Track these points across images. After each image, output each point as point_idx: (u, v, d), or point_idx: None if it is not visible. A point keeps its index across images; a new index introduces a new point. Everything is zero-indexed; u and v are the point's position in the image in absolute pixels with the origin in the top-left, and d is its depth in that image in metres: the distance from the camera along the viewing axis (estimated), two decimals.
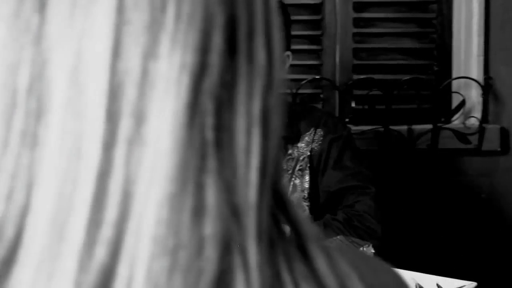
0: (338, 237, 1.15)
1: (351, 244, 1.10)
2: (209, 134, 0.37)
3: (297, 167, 1.52)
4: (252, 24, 0.39)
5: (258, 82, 0.39)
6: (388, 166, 2.37)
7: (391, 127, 2.36)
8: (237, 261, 0.37)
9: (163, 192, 0.35)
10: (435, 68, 2.41)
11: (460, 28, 2.38)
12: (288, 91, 2.39)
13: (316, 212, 1.49)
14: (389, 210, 2.35)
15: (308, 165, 1.51)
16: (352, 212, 1.42)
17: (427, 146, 2.35)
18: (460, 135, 2.34)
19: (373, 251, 1.11)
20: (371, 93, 2.38)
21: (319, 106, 2.51)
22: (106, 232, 0.35)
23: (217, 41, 0.37)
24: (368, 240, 1.41)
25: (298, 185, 1.52)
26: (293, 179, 1.52)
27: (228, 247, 0.36)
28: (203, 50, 0.37)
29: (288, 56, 1.54)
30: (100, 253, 0.34)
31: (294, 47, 2.51)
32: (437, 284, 1.16)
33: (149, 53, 0.36)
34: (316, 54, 2.49)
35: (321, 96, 2.50)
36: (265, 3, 0.40)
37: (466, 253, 2.32)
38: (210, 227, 0.36)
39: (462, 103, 2.38)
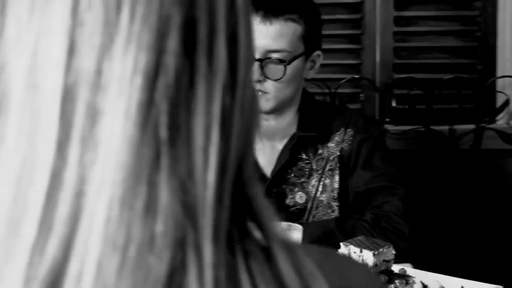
0: (359, 237, 1.14)
1: (371, 245, 1.09)
2: (163, 134, 0.37)
3: (327, 167, 1.51)
4: (213, 25, 0.39)
5: (219, 82, 0.39)
6: (430, 166, 2.33)
7: (432, 127, 2.32)
8: (190, 259, 0.37)
9: (115, 191, 0.36)
10: (479, 67, 2.35)
11: (505, 26, 2.32)
12: (327, 90, 2.38)
13: (346, 212, 1.47)
14: (430, 212, 2.31)
15: (338, 165, 1.50)
16: (380, 213, 1.41)
17: (469, 146, 2.31)
18: (504, 136, 2.28)
19: (394, 252, 1.09)
20: (411, 92, 2.35)
21: (358, 106, 2.49)
22: (58, 229, 0.35)
23: (173, 42, 0.37)
24: (395, 241, 1.39)
25: (328, 185, 1.50)
26: (323, 179, 1.51)
27: (181, 245, 0.37)
28: (158, 50, 0.37)
29: (318, 55, 1.53)
30: (52, 250, 0.35)
31: (333, 46, 2.49)
32: (462, 287, 1.14)
33: (104, 54, 0.36)
34: (356, 53, 2.47)
35: (361, 95, 2.48)
36: (230, 4, 0.40)
37: (508, 257, 2.26)
38: (162, 225, 0.36)
39: (507, 103, 2.32)
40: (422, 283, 1.17)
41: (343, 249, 1.10)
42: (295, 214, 1.53)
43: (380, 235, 1.39)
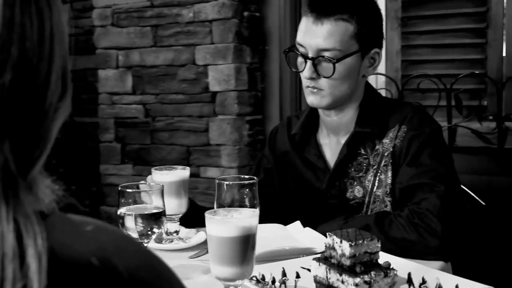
0: (349, 229, 1.16)
1: (353, 237, 1.11)
2: None
3: (382, 163, 1.52)
4: None
5: None
6: None
7: None
8: None
9: None
10: None
11: None
12: (442, 86, 2.32)
13: (397, 207, 1.48)
14: None
15: (391, 160, 1.51)
16: (416, 210, 1.39)
17: None
18: None
19: (378, 245, 1.10)
20: None
21: (477, 102, 2.39)
22: None
23: None
24: (427, 238, 1.37)
25: (383, 180, 1.52)
26: (378, 174, 1.53)
27: None
28: None
29: (377, 53, 1.55)
30: None
31: (457, 41, 2.42)
32: (456, 286, 1.11)
33: None
34: (481, 47, 2.37)
35: (486, 91, 2.38)
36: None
37: None
38: None
39: None
40: (423, 279, 1.16)
41: (328, 238, 1.15)
42: (355, 207, 1.57)
43: (413, 231, 1.38)
